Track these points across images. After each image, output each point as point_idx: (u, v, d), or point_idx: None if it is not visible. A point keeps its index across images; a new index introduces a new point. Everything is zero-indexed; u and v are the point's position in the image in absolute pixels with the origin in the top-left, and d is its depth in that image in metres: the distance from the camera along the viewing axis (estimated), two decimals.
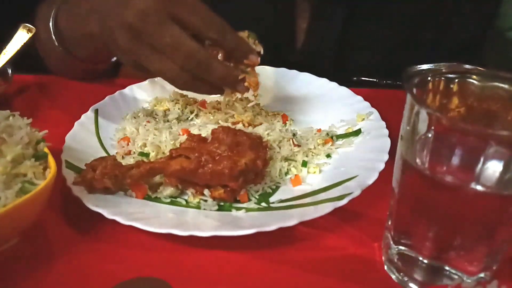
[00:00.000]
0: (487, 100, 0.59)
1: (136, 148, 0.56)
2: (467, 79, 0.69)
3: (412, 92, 0.34)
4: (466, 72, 0.73)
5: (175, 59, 0.50)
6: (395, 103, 0.62)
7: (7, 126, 0.45)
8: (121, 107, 0.65)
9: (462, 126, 0.32)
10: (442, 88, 0.55)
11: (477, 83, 0.51)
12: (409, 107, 0.35)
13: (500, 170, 0.33)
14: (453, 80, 0.66)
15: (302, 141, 0.56)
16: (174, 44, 0.50)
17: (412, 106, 0.34)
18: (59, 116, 0.66)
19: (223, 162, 0.46)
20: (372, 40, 0.74)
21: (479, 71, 0.72)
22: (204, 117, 0.65)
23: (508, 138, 0.31)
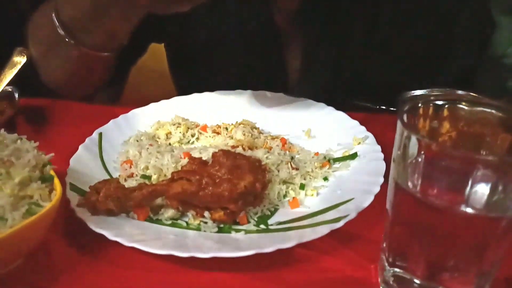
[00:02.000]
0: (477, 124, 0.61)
1: (138, 171, 0.57)
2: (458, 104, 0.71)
3: (402, 118, 0.36)
4: (458, 98, 0.75)
5: None
6: (390, 127, 0.64)
7: (15, 149, 0.47)
8: (124, 130, 0.67)
9: (450, 152, 0.33)
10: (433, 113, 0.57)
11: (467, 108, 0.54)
12: (400, 132, 0.37)
13: (487, 193, 0.34)
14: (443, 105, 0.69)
15: (300, 164, 0.58)
16: None
17: (403, 131, 0.36)
18: (63, 138, 0.68)
19: (223, 185, 0.47)
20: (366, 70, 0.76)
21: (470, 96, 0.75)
22: (204, 141, 0.66)
23: (494, 163, 0.32)
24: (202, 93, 0.76)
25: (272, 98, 0.75)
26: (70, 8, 0.65)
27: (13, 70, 0.73)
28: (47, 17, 0.67)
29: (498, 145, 0.42)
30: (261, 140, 0.64)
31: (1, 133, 0.50)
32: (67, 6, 0.65)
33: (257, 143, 0.63)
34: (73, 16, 0.65)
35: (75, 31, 0.66)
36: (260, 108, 0.74)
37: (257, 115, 0.72)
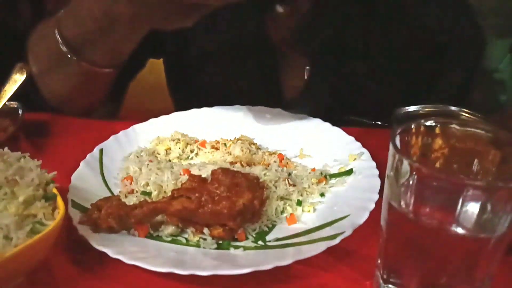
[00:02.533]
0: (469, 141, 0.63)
1: (138, 187, 0.58)
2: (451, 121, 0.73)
3: (395, 142, 0.38)
4: (451, 114, 0.77)
5: None
6: (385, 142, 0.66)
7: (19, 168, 0.48)
8: (125, 146, 0.68)
9: (440, 176, 0.35)
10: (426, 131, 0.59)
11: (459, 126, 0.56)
12: (392, 154, 0.38)
13: (477, 212, 0.36)
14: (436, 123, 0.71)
15: (297, 181, 0.59)
16: None
17: (395, 155, 0.38)
18: (64, 154, 0.69)
19: (222, 202, 0.49)
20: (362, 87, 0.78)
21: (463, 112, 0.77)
22: (203, 156, 0.68)
23: (481, 186, 0.34)
24: (201, 109, 0.77)
25: (269, 113, 0.76)
26: (74, 25, 0.66)
27: (13, 86, 0.74)
28: (49, 33, 0.68)
29: (490, 160, 0.43)
30: (259, 156, 0.66)
31: (5, 152, 0.51)
32: (71, 23, 0.66)
33: (255, 159, 0.65)
34: (76, 33, 0.66)
35: (78, 47, 0.67)
36: (258, 124, 0.75)
37: (255, 130, 0.73)
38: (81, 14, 0.65)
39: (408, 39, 0.76)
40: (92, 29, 0.64)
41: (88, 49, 0.67)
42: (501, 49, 1.03)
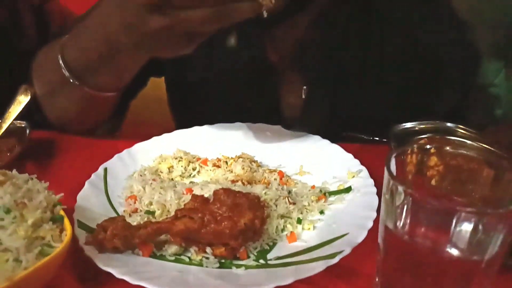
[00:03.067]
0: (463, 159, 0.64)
1: (142, 206, 0.60)
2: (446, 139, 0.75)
3: (389, 168, 0.39)
4: (448, 130, 0.79)
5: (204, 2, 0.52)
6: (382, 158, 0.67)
7: (27, 190, 0.50)
8: (128, 165, 0.70)
9: (433, 203, 0.36)
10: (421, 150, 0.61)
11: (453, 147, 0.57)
12: (387, 179, 0.40)
13: (469, 234, 0.37)
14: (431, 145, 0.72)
15: (297, 198, 0.61)
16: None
17: (389, 180, 0.39)
18: (69, 173, 0.71)
19: (224, 222, 0.50)
20: (360, 105, 0.80)
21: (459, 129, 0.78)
22: (205, 174, 0.69)
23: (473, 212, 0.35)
24: (202, 126, 0.79)
25: (269, 131, 0.78)
26: (76, 51, 0.68)
27: (18, 107, 0.76)
28: (52, 57, 0.70)
29: (484, 177, 0.45)
30: (259, 173, 0.67)
31: (13, 174, 0.53)
32: (73, 49, 0.69)
33: (255, 177, 0.66)
34: (78, 59, 0.68)
35: (80, 73, 0.69)
36: (259, 141, 0.77)
37: (255, 148, 0.75)
38: (83, 42, 0.67)
39: (404, 57, 0.78)
40: (93, 57, 0.66)
41: (90, 74, 0.69)
42: (496, 64, 1.05)
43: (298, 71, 0.79)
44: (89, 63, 0.67)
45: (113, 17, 0.60)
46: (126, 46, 0.60)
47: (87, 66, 0.68)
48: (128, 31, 0.58)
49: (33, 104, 0.77)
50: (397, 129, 0.74)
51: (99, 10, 0.64)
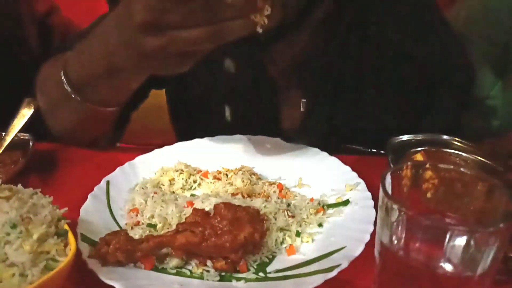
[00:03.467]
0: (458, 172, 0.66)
1: (144, 219, 0.61)
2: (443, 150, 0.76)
3: (385, 187, 0.40)
4: (444, 142, 0.80)
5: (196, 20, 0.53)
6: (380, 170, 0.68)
7: (32, 205, 0.51)
8: (130, 177, 0.71)
9: (426, 222, 0.37)
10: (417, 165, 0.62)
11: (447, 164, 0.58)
12: (382, 197, 0.41)
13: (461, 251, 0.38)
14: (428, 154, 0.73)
15: (296, 211, 0.62)
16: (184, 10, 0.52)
17: (384, 198, 0.40)
18: (72, 186, 0.72)
19: (225, 236, 0.51)
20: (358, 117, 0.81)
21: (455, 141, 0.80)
22: (206, 187, 0.71)
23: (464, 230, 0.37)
24: (203, 138, 0.80)
25: (269, 143, 0.79)
26: (78, 67, 0.70)
27: (22, 120, 0.78)
28: (55, 73, 0.72)
29: (478, 191, 0.46)
30: (259, 186, 0.69)
31: (18, 189, 0.54)
32: (75, 66, 0.70)
33: (255, 190, 0.67)
34: (80, 76, 0.70)
35: (81, 89, 0.70)
36: (258, 153, 0.78)
37: (255, 160, 0.76)
38: (85, 59, 0.69)
39: (401, 71, 0.79)
40: (94, 74, 0.68)
41: (91, 91, 0.70)
42: (492, 76, 1.07)
43: (297, 85, 0.81)
44: (90, 79, 0.69)
45: (112, 36, 0.61)
46: (124, 64, 0.62)
47: (88, 82, 0.69)
48: (125, 50, 0.59)
49: (36, 117, 0.79)
50: (394, 142, 0.76)
51: (100, 28, 0.65)
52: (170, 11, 0.52)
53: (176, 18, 0.52)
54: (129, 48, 0.58)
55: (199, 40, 0.53)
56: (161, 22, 0.53)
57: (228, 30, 0.53)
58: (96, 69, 0.67)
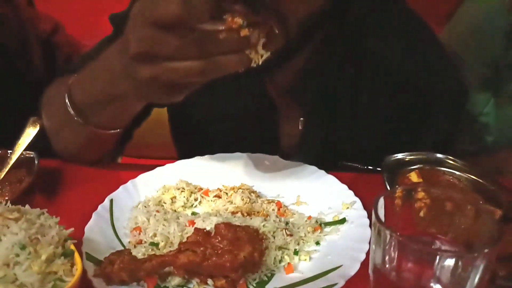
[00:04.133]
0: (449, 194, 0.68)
1: (147, 238, 0.63)
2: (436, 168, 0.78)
3: (377, 214, 0.42)
4: (437, 160, 0.83)
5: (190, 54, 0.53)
6: (376, 187, 0.71)
7: (40, 226, 0.53)
8: (133, 196, 0.73)
9: (415, 247, 0.39)
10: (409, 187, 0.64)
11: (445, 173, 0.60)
12: (374, 223, 0.43)
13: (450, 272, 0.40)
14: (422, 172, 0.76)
15: (294, 230, 0.64)
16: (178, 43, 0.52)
17: (376, 223, 0.42)
18: (76, 204, 0.73)
19: (225, 256, 0.53)
20: (354, 135, 0.84)
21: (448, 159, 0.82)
22: (206, 205, 0.73)
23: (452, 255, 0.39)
24: (204, 156, 0.83)
25: (268, 161, 0.81)
26: (82, 92, 0.73)
27: (27, 139, 0.80)
28: (60, 95, 0.75)
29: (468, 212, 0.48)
30: (258, 204, 0.71)
31: (26, 209, 0.56)
32: (79, 90, 0.73)
33: (254, 208, 0.70)
34: (83, 99, 0.72)
35: (84, 112, 0.73)
36: (258, 171, 0.80)
37: (254, 177, 0.78)
38: (88, 84, 0.72)
39: (395, 91, 0.82)
40: (96, 99, 0.70)
41: (93, 114, 0.73)
42: (486, 93, 1.10)
43: (295, 105, 0.83)
44: (92, 103, 0.71)
45: (113, 63, 0.63)
46: (124, 91, 0.64)
47: (91, 106, 0.72)
48: (124, 77, 0.61)
49: (42, 134, 0.81)
50: (389, 160, 0.78)
51: (104, 54, 0.68)
52: (162, 43, 0.52)
53: (169, 50, 0.53)
54: (127, 75, 0.59)
55: (190, 72, 0.53)
56: (153, 53, 0.53)
57: (221, 65, 0.53)
58: (98, 94, 0.69)
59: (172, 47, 0.52)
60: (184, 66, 0.53)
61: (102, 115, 0.72)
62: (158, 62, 0.54)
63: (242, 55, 0.55)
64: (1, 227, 0.51)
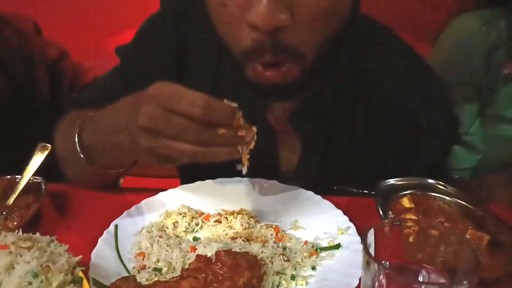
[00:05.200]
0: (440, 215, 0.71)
1: (150, 263, 0.66)
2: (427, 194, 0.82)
3: (367, 248, 0.46)
4: (428, 186, 0.86)
5: (187, 139, 0.59)
6: (370, 211, 0.74)
7: (50, 253, 0.56)
8: (137, 221, 0.76)
9: (399, 279, 0.43)
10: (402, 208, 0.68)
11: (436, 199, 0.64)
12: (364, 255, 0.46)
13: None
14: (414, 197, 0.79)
15: (291, 255, 0.67)
16: (181, 128, 0.58)
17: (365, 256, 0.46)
18: (83, 228, 0.77)
19: (225, 282, 0.56)
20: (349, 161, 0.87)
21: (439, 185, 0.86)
22: (207, 229, 0.76)
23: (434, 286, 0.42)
24: (205, 181, 0.86)
25: (267, 186, 0.85)
26: (89, 135, 0.77)
27: (35, 165, 0.83)
28: (71, 132, 0.79)
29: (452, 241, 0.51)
30: (257, 229, 0.74)
31: (37, 237, 0.59)
32: (88, 132, 0.77)
33: (253, 233, 0.73)
34: (89, 142, 0.77)
35: (91, 153, 0.78)
36: (257, 195, 0.84)
37: (253, 202, 0.82)
38: (96, 129, 0.76)
39: (389, 120, 0.86)
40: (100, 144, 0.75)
41: (97, 156, 0.78)
42: (470, 114, 1.15)
43: (293, 131, 0.87)
44: (97, 147, 0.76)
45: (121, 116, 0.68)
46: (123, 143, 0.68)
47: (95, 149, 0.77)
48: (126, 133, 0.66)
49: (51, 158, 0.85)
50: (382, 185, 0.81)
51: (115, 104, 0.72)
52: (169, 124, 0.58)
53: (170, 132, 0.59)
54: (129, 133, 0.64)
55: (184, 153, 0.59)
56: (156, 130, 0.59)
57: (213, 154, 0.60)
58: (102, 139, 0.74)
59: (176, 129, 0.58)
60: (180, 147, 0.59)
61: (105, 158, 0.77)
62: (158, 137, 0.59)
63: (233, 149, 0.61)
64: (14, 256, 0.54)
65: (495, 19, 1.09)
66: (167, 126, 0.58)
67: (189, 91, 0.59)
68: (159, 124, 0.59)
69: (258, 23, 0.61)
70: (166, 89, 0.60)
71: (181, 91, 0.59)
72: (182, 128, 0.58)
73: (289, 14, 0.61)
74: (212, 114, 0.58)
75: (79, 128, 0.77)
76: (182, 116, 0.58)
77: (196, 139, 0.58)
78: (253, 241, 0.70)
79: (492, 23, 1.09)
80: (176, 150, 0.59)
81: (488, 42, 1.09)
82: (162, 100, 0.59)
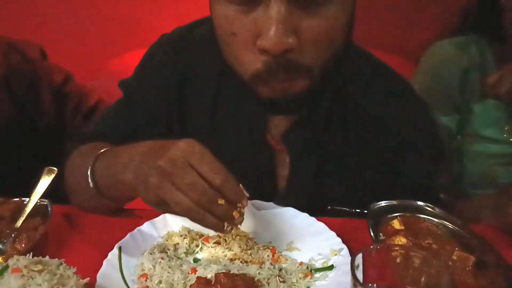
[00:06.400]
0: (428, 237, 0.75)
1: (153, 285, 0.69)
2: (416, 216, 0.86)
3: (354, 274, 0.49)
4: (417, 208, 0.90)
5: (191, 195, 0.64)
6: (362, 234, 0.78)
7: (60, 276, 0.59)
8: (140, 243, 0.79)
9: None
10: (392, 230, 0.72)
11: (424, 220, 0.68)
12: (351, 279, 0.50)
13: None
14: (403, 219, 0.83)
15: (287, 276, 0.71)
16: (192, 183, 0.64)
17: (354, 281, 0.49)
18: (87, 249, 0.80)
19: None
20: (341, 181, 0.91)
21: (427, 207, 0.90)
22: (207, 251, 0.79)
23: None
24: None
25: (263, 207, 0.89)
26: (102, 171, 0.81)
27: (42, 188, 0.87)
28: (84, 165, 0.83)
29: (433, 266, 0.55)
30: (254, 251, 0.77)
31: (47, 260, 0.62)
32: (101, 169, 0.81)
33: (251, 255, 0.76)
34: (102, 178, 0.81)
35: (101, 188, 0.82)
36: (254, 217, 0.87)
37: (251, 223, 0.85)
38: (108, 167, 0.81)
39: (379, 145, 0.90)
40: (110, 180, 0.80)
41: (106, 191, 0.82)
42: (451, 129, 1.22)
43: (288, 151, 0.91)
44: (110, 184, 0.80)
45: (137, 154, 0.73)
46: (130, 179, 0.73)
47: (108, 186, 0.81)
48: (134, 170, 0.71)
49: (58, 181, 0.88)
50: (373, 207, 0.85)
51: (137, 143, 0.77)
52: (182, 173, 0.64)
53: (181, 181, 0.64)
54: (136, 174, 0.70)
55: (180, 204, 0.65)
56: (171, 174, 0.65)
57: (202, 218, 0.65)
58: (112, 176, 0.78)
59: (186, 182, 0.64)
60: (180, 197, 0.64)
61: (114, 193, 0.82)
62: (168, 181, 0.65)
63: (221, 224, 0.65)
64: (26, 279, 0.57)
65: (468, 45, 1.20)
66: (182, 175, 0.64)
67: (216, 160, 0.66)
68: (176, 170, 0.64)
69: (269, 48, 0.66)
70: (197, 148, 0.66)
71: (209, 156, 0.66)
72: (192, 183, 0.64)
73: (295, 37, 0.67)
74: (227, 188, 0.65)
75: (92, 163, 0.82)
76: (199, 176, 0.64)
77: (198, 197, 0.64)
78: (250, 263, 0.74)
79: (465, 49, 1.20)
80: (175, 198, 0.65)
81: (461, 66, 1.20)
82: (189, 155, 0.65)
